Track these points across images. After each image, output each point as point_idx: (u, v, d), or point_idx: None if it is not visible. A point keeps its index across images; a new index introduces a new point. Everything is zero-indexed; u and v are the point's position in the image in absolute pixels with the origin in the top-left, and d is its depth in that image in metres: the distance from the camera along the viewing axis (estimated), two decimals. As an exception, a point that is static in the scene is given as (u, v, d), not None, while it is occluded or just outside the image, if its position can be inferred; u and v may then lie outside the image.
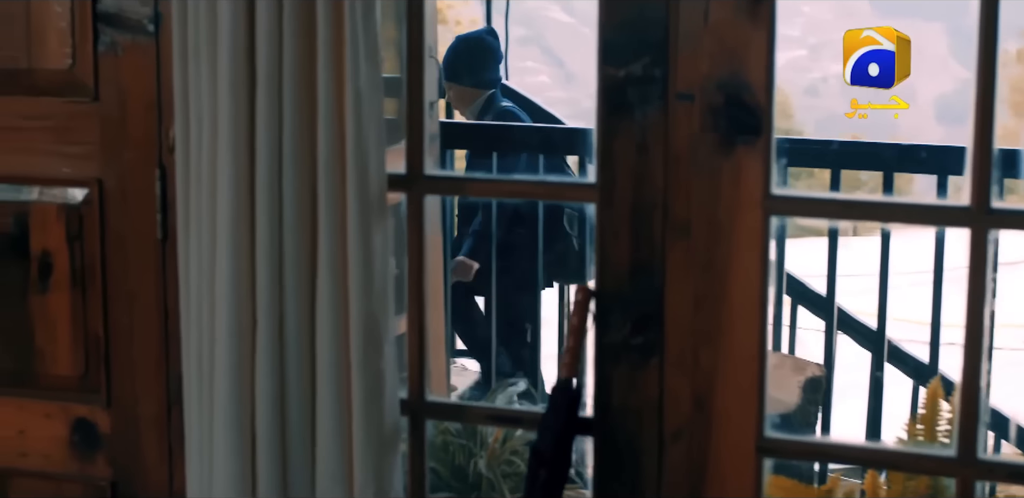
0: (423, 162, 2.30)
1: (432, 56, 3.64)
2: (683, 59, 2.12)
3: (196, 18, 2.21)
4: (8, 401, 2.66)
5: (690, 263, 2.17)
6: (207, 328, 2.30)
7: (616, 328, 2.23)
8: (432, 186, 2.33)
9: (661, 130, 2.14)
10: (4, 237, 2.60)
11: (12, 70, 2.53)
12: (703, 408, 2.21)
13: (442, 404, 2.50)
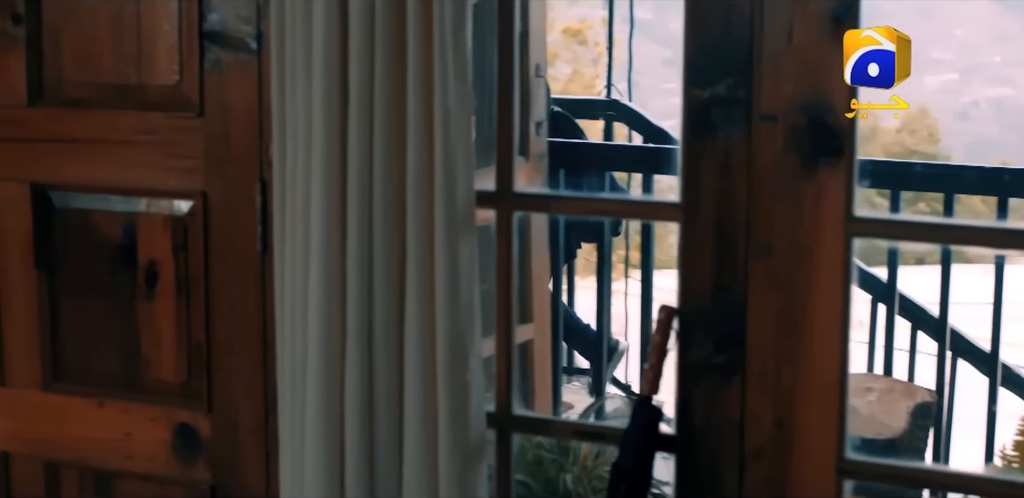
0: (512, 179, 2.34)
1: (541, 75, 3.69)
2: (767, 80, 2.13)
3: (293, 38, 2.28)
4: (115, 404, 2.75)
5: (772, 283, 2.18)
6: (300, 339, 2.37)
7: (698, 347, 2.24)
8: (520, 203, 2.37)
9: (744, 151, 2.16)
10: (114, 246, 2.70)
11: (123, 86, 2.63)
12: (784, 428, 2.21)
13: (528, 418, 2.53)
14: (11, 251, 2.78)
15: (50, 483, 2.85)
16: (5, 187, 2.76)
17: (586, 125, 5.60)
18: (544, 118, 3.81)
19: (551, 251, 4.39)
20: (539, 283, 4.02)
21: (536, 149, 3.86)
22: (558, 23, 11.07)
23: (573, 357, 5.55)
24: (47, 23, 2.69)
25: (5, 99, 2.72)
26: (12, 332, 2.81)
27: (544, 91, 3.84)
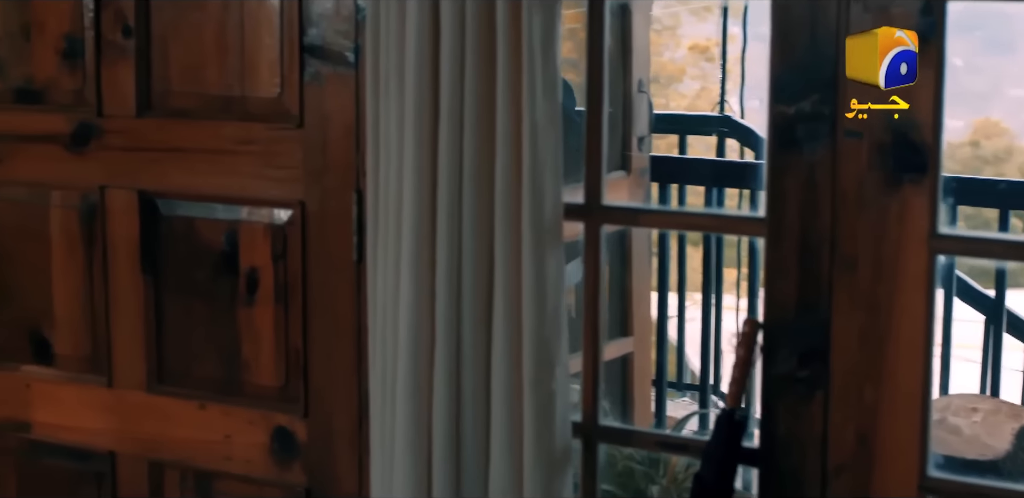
0: (601, 192, 2.37)
1: (643, 91, 3.71)
2: (851, 97, 2.13)
3: (387, 52, 2.33)
4: (217, 407, 2.82)
5: (856, 299, 2.18)
6: (391, 347, 2.42)
7: (783, 361, 2.25)
8: (608, 216, 2.40)
9: (829, 167, 2.16)
10: (217, 253, 2.77)
11: (228, 97, 2.70)
12: (866, 444, 2.21)
13: (613, 428, 2.56)
14: (120, 256, 2.87)
15: (154, 482, 2.93)
16: (115, 194, 2.85)
17: (699, 141, 5.61)
18: (646, 133, 3.83)
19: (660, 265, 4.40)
20: (639, 297, 4.04)
21: (638, 164, 3.88)
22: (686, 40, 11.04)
23: (684, 372, 5.55)
24: (155, 36, 2.77)
25: (116, 109, 2.82)
26: (119, 334, 2.90)
27: (646, 106, 3.85)
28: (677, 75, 12.12)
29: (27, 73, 2.92)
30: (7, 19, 2.92)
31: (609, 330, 4.04)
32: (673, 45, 11.74)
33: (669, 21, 11.08)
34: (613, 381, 4.08)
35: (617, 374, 4.06)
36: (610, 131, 3.89)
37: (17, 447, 3.09)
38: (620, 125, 3.81)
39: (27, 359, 3.03)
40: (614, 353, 4.00)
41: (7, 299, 3.04)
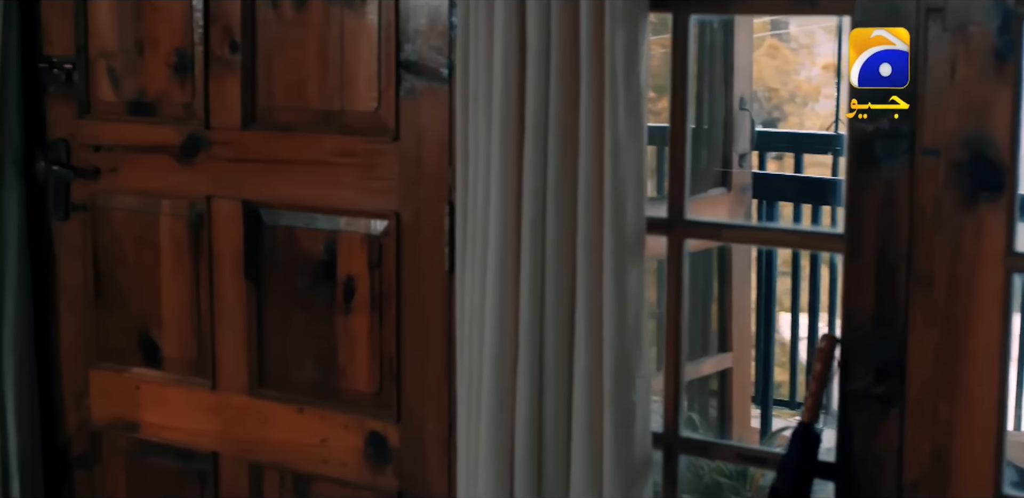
0: (684, 207, 2.41)
1: (745, 108, 3.74)
2: (930, 115, 2.15)
3: (476, 68, 2.40)
4: (314, 412, 2.91)
5: (931, 316, 2.19)
6: (477, 355, 2.48)
7: (859, 377, 2.27)
8: (691, 231, 2.43)
9: (907, 184, 2.18)
10: (316, 262, 2.86)
11: (328, 111, 2.79)
12: (941, 460, 2.22)
13: (693, 440, 2.58)
14: (225, 263, 2.97)
15: (254, 483, 3.02)
16: (221, 204, 2.96)
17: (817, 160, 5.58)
18: (748, 151, 3.86)
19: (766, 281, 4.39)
20: (740, 312, 4.05)
21: (739, 181, 3.91)
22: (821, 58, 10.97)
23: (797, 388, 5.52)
24: (261, 51, 2.87)
25: (223, 122, 2.92)
26: (223, 339, 3.00)
27: (749, 124, 3.86)
28: (812, 94, 12.02)
29: (140, 86, 3.04)
30: (123, 35, 3.04)
31: (708, 346, 4.06)
32: (809, 64, 11.65)
33: (805, 39, 11.01)
34: (712, 396, 4.10)
35: (716, 389, 4.07)
36: (711, 149, 3.95)
37: (127, 446, 3.21)
38: (721, 142, 3.84)
39: (137, 361, 3.15)
40: (712, 368, 4.02)
41: (119, 303, 3.16)
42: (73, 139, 3.15)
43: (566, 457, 2.43)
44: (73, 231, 3.19)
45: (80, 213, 3.17)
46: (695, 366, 4.05)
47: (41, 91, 3.17)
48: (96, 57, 3.09)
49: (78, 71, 3.11)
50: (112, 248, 3.15)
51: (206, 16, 2.89)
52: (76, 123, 3.14)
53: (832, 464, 2.32)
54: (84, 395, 3.24)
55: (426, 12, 2.61)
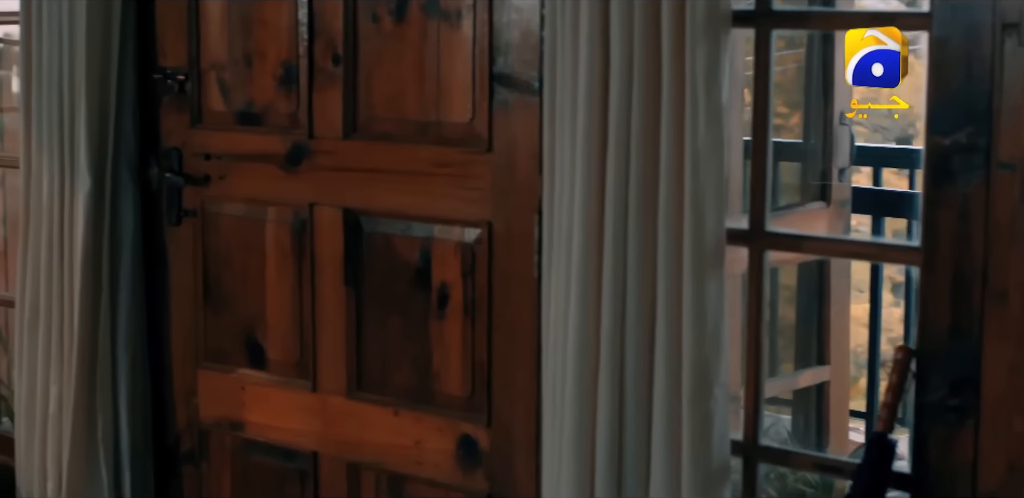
0: (764, 219, 2.45)
1: (844, 123, 3.75)
2: (1005, 130, 2.17)
3: (563, 81, 2.47)
4: (409, 414, 2.99)
5: (1006, 331, 2.20)
6: (560, 362, 2.54)
7: (934, 389, 2.29)
8: (772, 242, 2.47)
9: (983, 198, 2.20)
10: (413, 269, 2.94)
11: (424, 122, 2.88)
12: (1016, 473, 2.23)
13: (772, 449, 2.62)
14: (326, 269, 3.07)
15: (352, 482, 3.11)
16: (323, 212, 3.05)
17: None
18: (847, 165, 3.86)
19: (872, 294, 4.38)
20: (838, 327, 4.05)
21: (839, 195, 3.92)
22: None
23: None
24: (362, 64, 2.96)
25: (325, 132, 3.02)
26: (324, 342, 3.10)
27: (848, 138, 3.86)
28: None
29: (248, 97, 3.15)
30: (232, 48, 3.16)
31: (805, 358, 4.08)
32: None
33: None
34: (809, 409, 4.11)
35: (813, 402, 4.08)
36: (809, 163, 3.96)
37: (232, 444, 3.32)
38: (820, 157, 3.86)
39: (242, 363, 3.26)
40: (809, 381, 4.03)
41: (227, 306, 3.27)
42: (185, 147, 3.27)
43: (646, 462, 2.48)
44: (184, 236, 3.32)
45: (191, 219, 3.29)
46: (792, 379, 4.07)
47: (156, 101, 3.30)
48: (207, 69, 3.22)
49: (190, 82, 3.23)
50: (220, 253, 3.27)
51: (311, 30, 3.00)
52: (188, 132, 3.27)
53: (907, 475, 2.34)
54: (193, 394, 3.36)
55: (518, 26, 2.68)
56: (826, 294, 3.96)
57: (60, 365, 3.35)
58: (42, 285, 3.36)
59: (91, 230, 3.26)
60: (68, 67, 3.22)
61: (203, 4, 3.21)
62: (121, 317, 3.34)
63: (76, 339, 3.30)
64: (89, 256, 3.27)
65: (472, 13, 2.76)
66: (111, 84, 3.22)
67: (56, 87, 3.25)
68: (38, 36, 3.28)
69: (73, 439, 3.34)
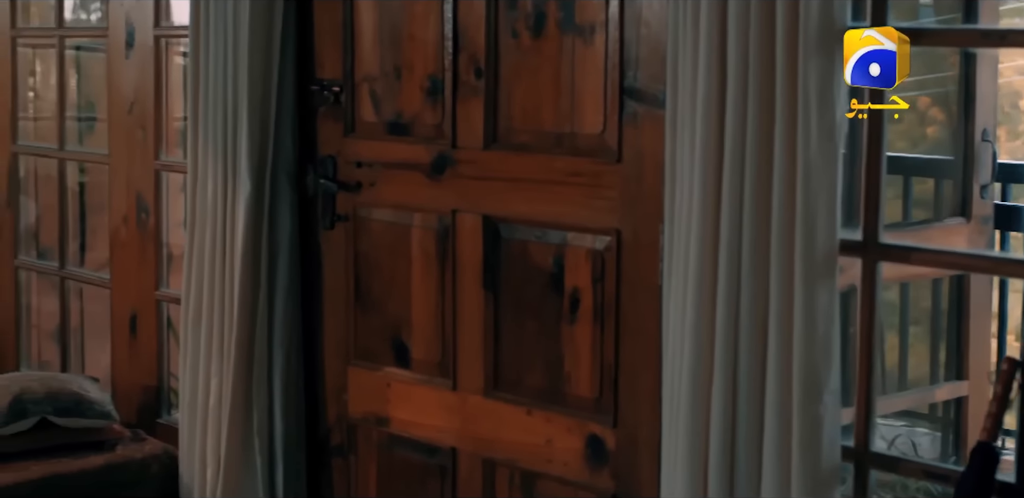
0: (878, 230, 2.50)
1: (987, 140, 3.77)
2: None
3: (683, 96, 2.57)
4: (541, 414, 3.11)
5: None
6: (677, 366, 2.64)
7: (1039, 399, 2.33)
8: (885, 254, 2.53)
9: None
10: (547, 274, 3.06)
11: (559, 134, 3.00)
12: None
13: (882, 455, 2.66)
14: (467, 273, 3.21)
15: (487, 478, 3.24)
16: (465, 218, 3.19)
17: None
18: (989, 181, 3.87)
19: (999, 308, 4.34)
20: (977, 341, 4.04)
21: (979, 211, 3.93)
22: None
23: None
24: (502, 77, 3.10)
25: (467, 142, 3.16)
26: (464, 343, 3.24)
27: (991, 155, 3.86)
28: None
29: (398, 108, 3.32)
30: (383, 61, 3.33)
31: (944, 372, 4.07)
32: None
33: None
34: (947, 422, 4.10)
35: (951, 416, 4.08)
36: (950, 178, 3.97)
37: (378, 439, 3.48)
38: (961, 173, 3.87)
39: (389, 361, 3.42)
40: (947, 395, 4.03)
41: (375, 307, 3.44)
42: (339, 155, 3.45)
43: (757, 464, 2.56)
44: (337, 240, 3.49)
45: (343, 223, 3.47)
46: (928, 392, 4.08)
47: (312, 111, 3.49)
48: (360, 81, 3.39)
49: (344, 93, 3.41)
50: (370, 256, 3.43)
51: (455, 45, 3.15)
52: (342, 141, 3.45)
53: (1011, 484, 2.38)
54: (343, 390, 3.54)
55: (647, 41, 2.79)
56: (964, 309, 3.96)
57: (220, 360, 3.55)
58: (205, 284, 3.57)
59: (251, 233, 3.45)
60: (232, 79, 3.43)
61: (358, 20, 3.39)
62: (277, 315, 3.53)
63: (235, 335, 3.49)
64: (249, 257, 3.47)
65: (604, 29, 2.87)
66: (272, 95, 3.42)
67: (221, 98, 3.46)
68: (205, 50, 3.49)
69: (230, 430, 3.53)
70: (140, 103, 4.04)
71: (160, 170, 4.03)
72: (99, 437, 3.83)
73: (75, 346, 4.74)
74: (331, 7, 3.44)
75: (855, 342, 2.55)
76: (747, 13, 2.46)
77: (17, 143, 4.77)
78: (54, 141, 4.61)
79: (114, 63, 4.14)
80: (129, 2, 4.04)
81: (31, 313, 4.85)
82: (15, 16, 4.72)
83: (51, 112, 4.70)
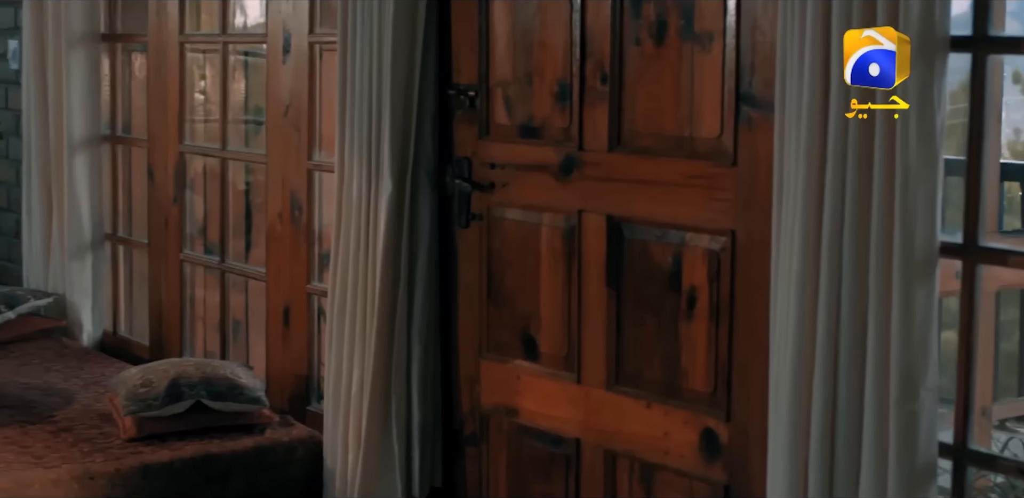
0: (978, 232, 2.58)
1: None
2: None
3: (791, 101, 2.67)
4: (659, 407, 3.23)
5: None
6: (782, 362, 2.74)
7: None
8: (985, 256, 2.60)
9: None
10: (666, 273, 3.18)
11: (679, 137, 3.12)
12: None
13: (980, 453, 2.72)
14: (591, 271, 3.35)
15: (608, 469, 3.36)
16: (590, 218, 3.33)
17: None
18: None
19: None
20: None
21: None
22: None
23: None
24: (626, 83, 3.23)
25: (593, 144, 3.30)
26: (588, 338, 3.37)
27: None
28: None
29: (529, 112, 3.47)
30: (516, 67, 3.48)
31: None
32: None
33: None
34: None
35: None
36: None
37: (508, 429, 3.63)
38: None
39: (518, 354, 3.57)
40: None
41: (506, 302, 3.59)
42: (474, 157, 3.62)
43: (856, 459, 2.65)
44: (471, 238, 3.66)
45: (477, 222, 3.63)
46: None
47: (450, 114, 3.66)
48: (495, 86, 3.56)
49: (479, 98, 3.57)
50: (502, 254, 3.59)
51: (583, 51, 3.28)
52: (476, 143, 3.61)
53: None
54: (476, 382, 3.70)
55: (762, 48, 2.89)
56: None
57: (362, 350, 3.73)
58: (349, 278, 3.76)
59: (392, 230, 3.63)
60: (376, 84, 3.61)
61: (493, 28, 3.55)
62: (416, 309, 3.70)
63: (375, 327, 3.68)
64: (390, 254, 3.65)
65: (722, 37, 2.98)
66: (413, 99, 3.59)
67: (366, 101, 3.65)
68: (352, 56, 3.68)
69: (370, 417, 3.72)
70: (295, 106, 4.26)
71: (313, 170, 4.24)
72: (249, 421, 4.04)
73: (239, 337, 4.98)
74: (468, 16, 3.62)
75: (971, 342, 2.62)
76: (849, 18, 2.54)
77: (184, 143, 5.04)
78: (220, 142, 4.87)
79: (272, 68, 4.37)
80: (287, 10, 4.26)
81: (195, 305, 5.12)
82: (183, 23, 4.98)
83: (219, 115, 4.95)
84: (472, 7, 3.60)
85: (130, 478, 3.77)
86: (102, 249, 5.39)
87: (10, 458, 3.80)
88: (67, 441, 3.96)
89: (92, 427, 4.10)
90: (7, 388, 4.48)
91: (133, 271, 5.44)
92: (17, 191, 5.70)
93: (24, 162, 5.52)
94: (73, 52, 5.25)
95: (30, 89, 5.41)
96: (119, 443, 3.94)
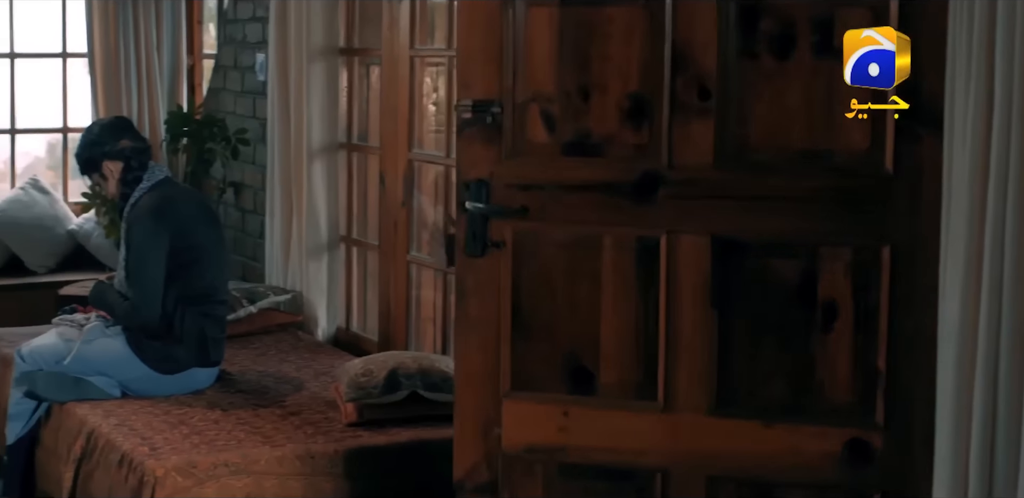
0: None
1: None
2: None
3: (959, 114, 2.67)
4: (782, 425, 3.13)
5: None
6: (945, 370, 2.79)
7: None
8: None
9: None
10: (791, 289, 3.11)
11: (812, 151, 3.03)
12: None
13: None
14: (684, 292, 3.19)
15: (710, 493, 3.22)
16: (684, 238, 3.18)
17: None
18: None
19: None
20: None
21: None
22: None
23: None
24: (735, 99, 3.10)
25: (687, 161, 3.16)
26: (681, 364, 3.21)
27: None
28: None
29: (584, 129, 3.27)
30: (562, 80, 3.27)
31: None
32: None
33: None
34: None
35: None
36: None
37: (546, 470, 3.37)
38: None
39: (562, 388, 3.34)
40: None
41: (544, 335, 3.35)
42: (494, 179, 3.34)
43: (1015, 465, 2.66)
44: (486, 268, 3.37)
45: (497, 251, 3.35)
46: None
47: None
48: (526, 102, 3.30)
49: (505, 115, 3.32)
50: (537, 281, 3.33)
51: (674, 66, 3.14)
52: (499, 163, 3.34)
53: None
54: (495, 425, 3.41)
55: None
56: None
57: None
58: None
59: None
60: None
61: (529, 40, 3.30)
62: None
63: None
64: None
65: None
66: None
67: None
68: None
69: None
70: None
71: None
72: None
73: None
74: (480, 27, 3.36)
75: None
76: (1013, 30, 2.54)
77: (413, 151, 5.23)
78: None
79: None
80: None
81: (421, 304, 5.32)
82: (414, 37, 5.17)
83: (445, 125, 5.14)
84: (486, 18, 3.33)
85: (348, 459, 4.05)
86: (337, 250, 5.66)
87: (241, 436, 4.16)
88: (293, 423, 4.29)
89: (317, 412, 4.42)
90: (245, 375, 4.85)
91: (367, 271, 5.65)
92: (263, 195, 6.00)
93: (268, 168, 5.83)
94: (313, 65, 5.52)
95: (274, 99, 5.71)
96: (340, 427, 4.25)
